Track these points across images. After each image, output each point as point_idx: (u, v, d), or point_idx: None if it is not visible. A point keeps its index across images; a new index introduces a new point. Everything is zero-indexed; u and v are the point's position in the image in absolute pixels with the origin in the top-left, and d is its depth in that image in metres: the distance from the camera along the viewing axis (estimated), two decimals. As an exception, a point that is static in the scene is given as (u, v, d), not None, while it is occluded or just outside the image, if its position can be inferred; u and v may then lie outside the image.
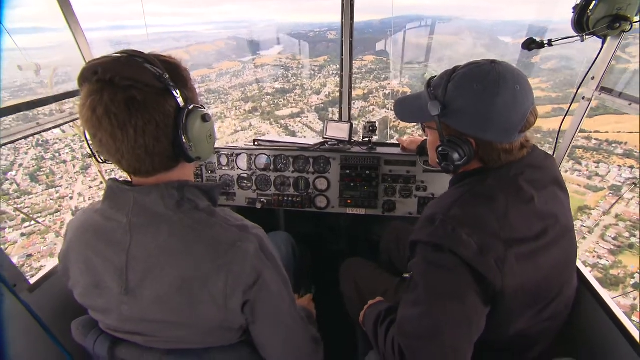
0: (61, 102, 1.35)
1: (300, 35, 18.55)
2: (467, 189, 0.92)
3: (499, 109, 0.84)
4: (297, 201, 2.14)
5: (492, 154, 0.91)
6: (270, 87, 16.87)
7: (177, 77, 0.76)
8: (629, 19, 1.20)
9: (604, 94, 1.41)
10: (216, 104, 15.95)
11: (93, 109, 0.68)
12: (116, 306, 0.81)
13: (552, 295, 0.92)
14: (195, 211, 0.81)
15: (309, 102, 16.05)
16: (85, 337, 0.88)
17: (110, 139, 0.70)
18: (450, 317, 0.79)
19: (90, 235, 0.82)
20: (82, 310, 0.92)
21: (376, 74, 16.30)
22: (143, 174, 0.79)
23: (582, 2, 1.26)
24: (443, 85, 0.91)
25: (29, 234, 7.44)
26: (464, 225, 0.82)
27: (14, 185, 8.44)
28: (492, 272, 0.78)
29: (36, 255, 7.09)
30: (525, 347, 0.96)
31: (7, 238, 7.25)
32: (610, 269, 6.72)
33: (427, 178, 2.02)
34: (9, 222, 7.37)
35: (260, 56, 18.26)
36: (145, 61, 0.71)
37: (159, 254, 0.77)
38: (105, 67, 0.68)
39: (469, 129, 0.89)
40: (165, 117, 0.73)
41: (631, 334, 0.99)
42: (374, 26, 20.28)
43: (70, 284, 0.90)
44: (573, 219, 0.99)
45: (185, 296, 0.77)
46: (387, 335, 0.90)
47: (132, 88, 0.68)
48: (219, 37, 19.84)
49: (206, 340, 0.86)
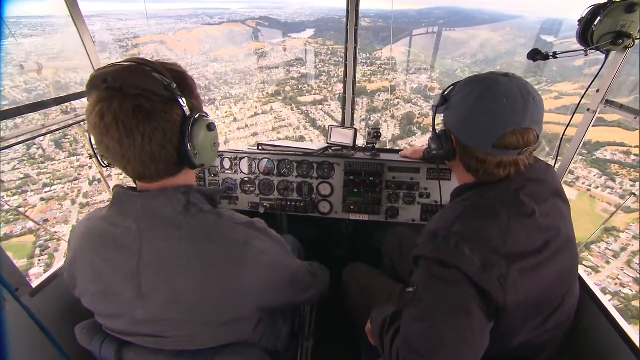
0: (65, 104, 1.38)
1: (333, 20, 18.21)
2: (469, 203, 0.93)
3: (476, 112, 0.88)
4: (300, 206, 2.15)
5: (468, 158, 0.94)
6: (297, 71, 16.70)
7: (183, 86, 0.78)
8: (632, 36, 1.22)
9: (609, 106, 1.42)
10: (240, 84, 16.00)
11: (101, 116, 0.68)
12: (128, 311, 0.82)
13: (554, 306, 0.91)
14: (202, 214, 0.82)
15: (334, 90, 15.80)
16: (90, 340, 0.87)
17: (117, 145, 0.71)
18: (455, 331, 0.77)
19: (98, 242, 0.83)
20: (83, 314, 0.92)
21: (405, 66, 15.80)
22: (147, 179, 0.80)
23: (587, 16, 1.28)
24: (452, 87, 0.98)
25: (48, 199, 7.80)
26: (466, 241, 0.82)
27: (40, 151, 8.79)
28: (495, 289, 0.78)
29: (52, 221, 7.42)
30: (530, 357, 0.97)
31: (28, 202, 7.64)
32: (632, 300, 6.29)
33: (430, 185, 2.01)
34: (31, 185, 7.76)
35: (290, 39, 18.07)
36: (154, 70, 0.72)
37: (170, 257, 0.78)
38: (115, 76, 0.69)
39: (453, 126, 0.96)
40: (171, 125, 0.74)
41: (632, 341, 1.01)
42: (410, 16, 19.58)
43: (78, 292, 0.89)
44: (574, 229, 1.00)
45: (199, 295, 0.79)
46: (393, 346, 0.89)
47: (141, 97, 0.69)
48: (252, 16, 19.73)
49: (218, 337, 0.87)
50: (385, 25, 18.37)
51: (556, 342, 0.99)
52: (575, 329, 1.04)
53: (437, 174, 1.94)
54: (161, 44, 17.20)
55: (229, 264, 0.80)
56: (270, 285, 0.89)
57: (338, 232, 2.64)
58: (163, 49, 17.05)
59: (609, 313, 1.12)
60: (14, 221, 7.19)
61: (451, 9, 17.44)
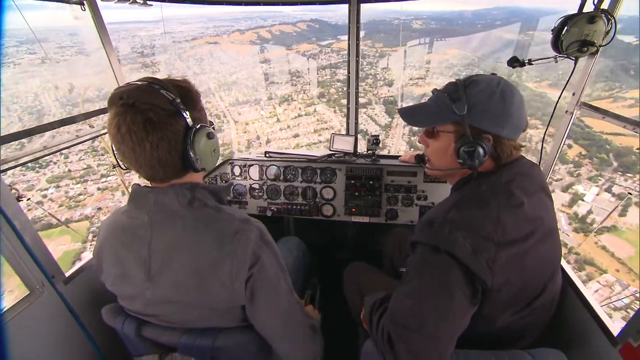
0: (90, 118, 1.55)
1: (384, 23, 17.85)
2: (463, 195, 1.01)
3: (514, 109, 0.98)
4: (305, 209, 2.27)
5: (506, 149, 1.01)
6: (343, 73, 16.62)
7: (187, 100, 0.88)
8: (595, 44, 1.36)
9: (584, 108, 1.53)
10: (286, 85, 16.31)
11: (118, 127, 0.81)
12: (140, 291, 0.93)
13: (536, 292, 0.99)
14: (204, 208, 0.93)
15: (379, 93, 15.46)
16: (114, 319, 1.01)
17: (131, 152, 0.83)
18: (436, 311, 0.85)
19: (119, 232, 0.96)
20: (108, 300, 1.06)
21: (456, 70, 14.94)
22: (158, 180, 0.92)
23: (558, 26, 1.41)
24: (460, 90, 1.00)
25: (103, 188, 8.60)
26: (459, 228, 0.89)
27: (102, 144, 9.68)
28: (483, 271, 0.85)
29: (104, 209, 8.16)
30: (513, 340, 1.03)
31: (87, 190, 8.49)
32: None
33: (427, 188, 2.13)
34: (92, 175, 8.63)
35: (339, 41, 18.02)
36: (162, 87, 0.84)
37: (175, 245, 0.89)
38: (129, 94, 0.81)
39: (489, 127, 0.98)
40: (175, 134, 0.85)
41: (607, 327, 1.11)
42: (465, 17, 18.54)
43: (103, 276, 1.02)
44: (557, 222, 1.08)
45: (197, 280, 0.88)
46: (380, 323, 0.96)
47: (150, 111, 0.80)
48: (303, 18, 20.07)
49: (212, 322, 0.97)
50: (437, 27, 17.62)
51: (538, 327, 1.07)
52: (558, 317, 1.12)
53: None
54: (215, 45, 18.16)
55: (221, 255, 0.88)
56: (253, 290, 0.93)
57: (342, 235, 2.70)
58: (217, 49, 18.00)
59: (589, 303, 1.22)
60: (74, 207, 8.09)
61: (511, 9, 16.09)
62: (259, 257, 0.92)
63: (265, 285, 0.95)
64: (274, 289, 0.97)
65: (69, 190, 8.52)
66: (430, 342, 0.84)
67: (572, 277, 1.35)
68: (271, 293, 0.97)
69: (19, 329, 1.09)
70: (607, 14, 1.33)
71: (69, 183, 8.65)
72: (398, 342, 0.86)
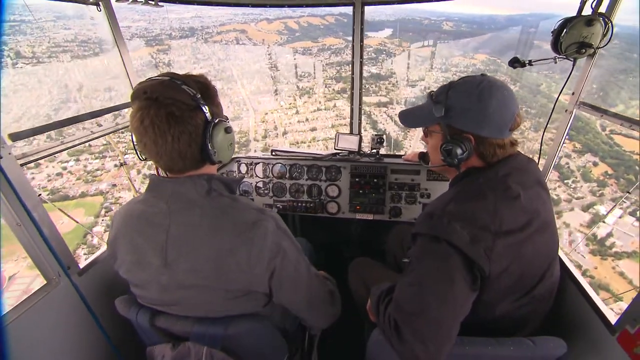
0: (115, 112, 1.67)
1: (413, 22, 17.50)
2: (461, 188, 1.06)
3: (493, 109, 1.00)
4: (310, 207, 2.31)
5: (489, 148, 1.05)
6: (367, 70, 16.42)
7: (206, 95, 0.93)
8: (592, 45, 1.39)
9: (583, 107, 1.56)
10: (308, 78, 16.22)
11: (141, 120, 0.84)
12: (155, 277, 0.95)
13: (534, 281, 1.01)
14: (221, 197, 0.97)
15: (401, 93, 15.22)
16: (128, 309, 1.03)
17: (152, 144, 0.87)
18: (438, 295, 0.89)
19: (135, 220, 0.98)
20: (121, 292, 1.09)
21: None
22: (176, 171, 0.96)
23: (557, 28, 1.45)
24: (444, 93, 1.06)
25: (119, 165, 8.85)
26: (458, 219, 0.93)
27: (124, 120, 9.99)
28: (481, 258, 0.89)
29: (119, 186, 8.41)
30: (514, 328, 1.06)
31: (105, 166, 8.76)
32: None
33: (430, 186, 2.16)
34: (110, 152, 8.91)
35: (367, 37, 17.77)
36: (183, 83, 0.88)
37: (193, 232, 0.92)
38: (153, 89, 0.84)
39: (468, 127, 1.03)
40: (196, 128, 0.89)
41: (606, 316, 1.15)
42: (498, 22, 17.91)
43: (117, 265, 1.04)
44: (554, 214, 1.11)
45: (214, 263, 0.91)
46: (386, 311, 0.99)
47: (172, 105, 0.84)
48: (332, 12, 19.86)
49: (227, 307, 0.99)
50: (468, 30, 17.14)
51: (538, 317, 1.09)
52: (557, 307, 1.16)
53: (437, 174, 2.08)
54: (242, 33, 18.21)
55: (239, 241, 0.91)
56: (275, 274, 0.97)
57: (347, 234, 2.74)
58: (243, 37, 18.04)
59: (587, 293, 1.26)
60: (91, 181, 8.37)
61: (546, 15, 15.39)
62: (280, 246, 0.96)
63: (290, 273, 1.00)
64: (297, 273, 1.04)
65: (87, 165, 8.85)
66: (433, 325, 0.88)
67: (570, 268, 1.39)
68: (296, 278, 1.04)
69: (37, 316, 1.13)
70: (605, 17, 1.38)
71: (88, 157, 8.97)
72: (404, 327, 0.90)
